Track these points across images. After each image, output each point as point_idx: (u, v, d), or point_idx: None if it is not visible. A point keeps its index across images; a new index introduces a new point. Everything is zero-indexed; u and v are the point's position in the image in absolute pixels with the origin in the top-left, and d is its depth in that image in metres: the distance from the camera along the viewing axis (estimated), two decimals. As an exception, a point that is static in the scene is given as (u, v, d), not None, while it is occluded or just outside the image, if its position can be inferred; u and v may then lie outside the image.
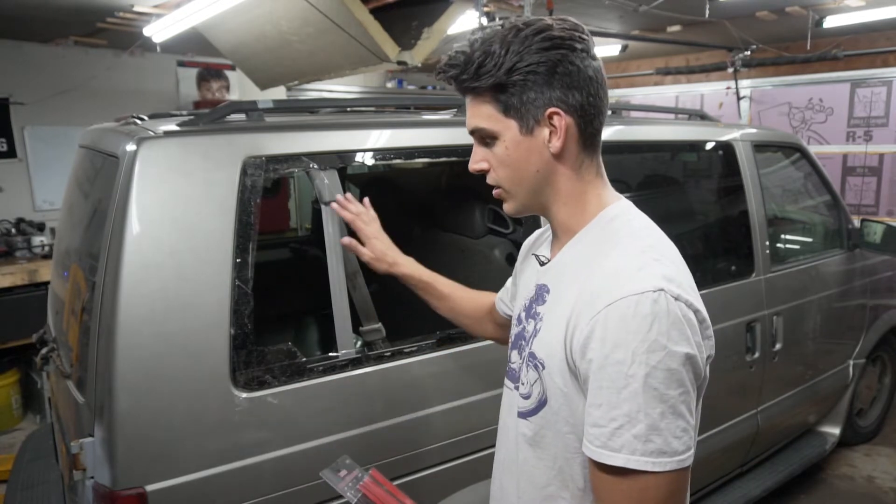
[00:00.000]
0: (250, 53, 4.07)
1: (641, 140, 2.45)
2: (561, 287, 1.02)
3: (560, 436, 0.99)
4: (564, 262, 1.04)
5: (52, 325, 2.14)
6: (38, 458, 2.47)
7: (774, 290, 2.65)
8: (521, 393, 1.05)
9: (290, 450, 1.52)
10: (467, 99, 1.02)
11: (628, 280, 0.89)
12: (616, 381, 0.86)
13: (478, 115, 1.00)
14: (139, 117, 1.70)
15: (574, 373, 0.94)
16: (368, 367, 1.64)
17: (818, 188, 3.18)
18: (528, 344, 1.05)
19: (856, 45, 5.36)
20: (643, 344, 0.85)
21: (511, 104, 0.97)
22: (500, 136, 1.00)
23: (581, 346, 0.90)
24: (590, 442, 0.89)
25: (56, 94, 5.01)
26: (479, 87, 0.97)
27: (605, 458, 0.87)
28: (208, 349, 1.41)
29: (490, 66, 0.94)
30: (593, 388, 0.89)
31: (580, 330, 0.91)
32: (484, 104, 0.99)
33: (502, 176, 1.03)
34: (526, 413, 1.04)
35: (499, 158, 1.02)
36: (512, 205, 1.06)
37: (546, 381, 0.99)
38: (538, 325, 1.03)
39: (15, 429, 4.16)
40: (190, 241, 1.41)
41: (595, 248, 0.99)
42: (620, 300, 0.87)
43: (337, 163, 1.66)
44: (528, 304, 1.10)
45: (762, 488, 2.76)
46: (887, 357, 3.65)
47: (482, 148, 1.04)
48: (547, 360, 0.98)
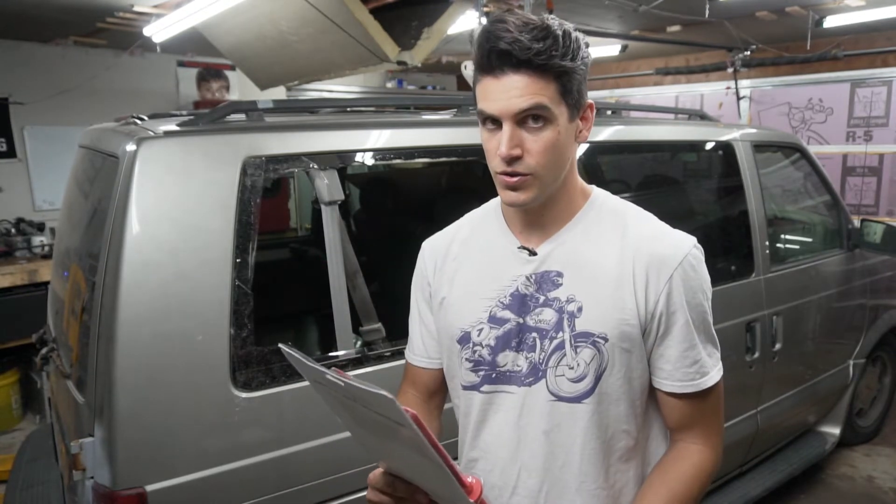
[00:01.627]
0: (250, 53, 4.07)
1: (641, 140, 2.45)
2: (582, 266, 1.06)
3: (621, 392, 1.06)
4: (573, 246, 1.07)
5: (52, 325, 2.14)
6: (38, 458, 2.47)
7: (774, 290, 2.65)
8: (572, 377, 1.04)
9: (290, 450, 1.52)
10: (518, 76, 0.94)
11: (677, 241, 1.07)
12: (697, 320, 1.05)
13: (539, 94, 0.94)
14: (139, 117, 1.70)
15: (645, 330, 1.05)
16: (369, 367, 1.64)
17: (818, 188, 3.18)
18: (559, 330, 1.04)
19: (856, 45, 5.36)
20: (704, 284, 1.07)
21: (570, 90, 0.98)
22: (556, 119, 0.97)
23: (664, 302, 1.03)
24: (690, 380, 1.06)
25: (56, 94, 5.01)
26: (562, 66, 0.94)
27: (706, 383, 1.06)
28: (208, 349, 1.41)
29: (573, 48, 0.95)
30: (684, 333, 1.05)
31: (657, 289, 1.03)
32: (548, 83, 0.95)
33: (542, 161, 0.98)
34: (582, 395, 1.04)
35: (547, 142, 0.97)
36: (533, 194, 1.00)
37: (608, 351, 1.03)
38: (571, 307, 1.04)
39: (15, 429, 4.15)
40: (190, 241, 1.41)
41: (605, 225, 1.08)
42: (685, 258, 1.04)
43: (337, 163, 1.66)
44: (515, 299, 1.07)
45: (762, 488, 2.76)
46: (887, 357, 3.65)
47: (520, 130, 0.97)
48: (610, 332, 1.03)
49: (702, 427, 1.09)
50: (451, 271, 1.16)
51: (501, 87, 0.95)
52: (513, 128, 0.97)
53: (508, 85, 0.95)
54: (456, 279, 1.15)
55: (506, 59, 0.94)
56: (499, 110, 0.96)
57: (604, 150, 2.40)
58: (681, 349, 1.05)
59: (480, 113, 1.00)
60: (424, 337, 1.23)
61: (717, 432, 1.11)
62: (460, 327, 1.12)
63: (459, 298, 1.13)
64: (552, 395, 1.05)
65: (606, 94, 7.13)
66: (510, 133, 0.96)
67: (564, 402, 1.05)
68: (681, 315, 1.04)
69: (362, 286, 1.69)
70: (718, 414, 1.11)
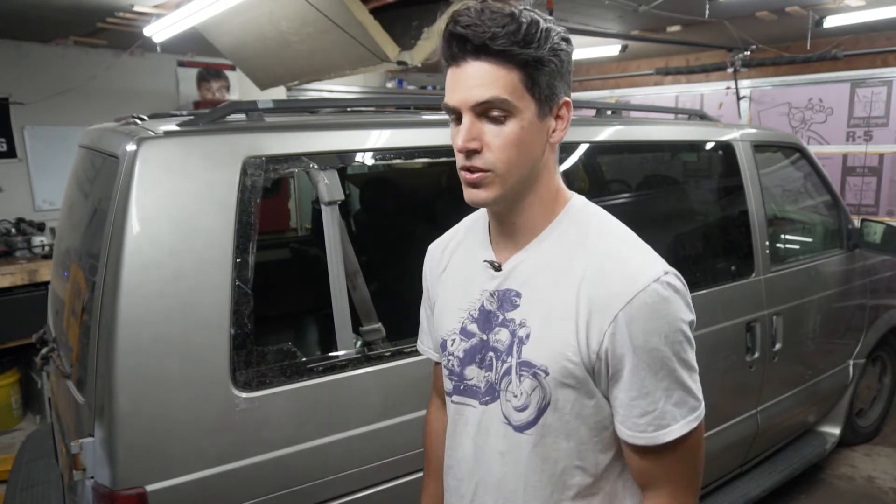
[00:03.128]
0: (250, 53, 4.07)
1: (641, 140, 2.45)
2: (538, 288, 0.99)
3: (569, 433, 0.99)
4: (535, 262, 1.00)
5: (52, 325, 2.14)
6: (38, 458, 2.47)
7: (774, 290, 2.65)
8: (516, 406, 0.99)
9: (289, 450, 1.52)
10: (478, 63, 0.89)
11: (634, 273, 0.93)
12: (653, 366, 0.92)
13: (496, 85, 0.89)
14: (139, 117, 1.70)
15: (590, 368, 0.95)
16: (368, 367, 1.64)
17: (818, 188, 3.18)
18: (509, 354, 1.00)
19: (856, 45, 5.36)
20: (668, 326, 0.92)
21: (538, 82, 0.91)
22: (519, 113, 0.91)
23: (607, 345, 0.93)
24: (640, 431, 0.94)
25: (56, 94, 5.01)
26: (525, 55, 0.89)
27: (662, 438, 0.93)
28: (208, 349, 1.41)
29: (540, 37, 0.89)
30: (632, 379, 0.93)
31: (601, 328, 0.93)
32: (509, 73, 0.89)
33: (502, 157, 0.92)
34: (525, 425, 0.99)
35: (507, 137, 0.91)
36: (493, 192, 0.94)
37: (549, 385, 0.96)
38: (522, 332, 0.98)
39: (15, 429, 4.15)
40: (190, 241, 1.41)
41: (568, 244, 0.99)
42: (637, 295, 0.91)
43: (337, 163, 1.66)
44: (481, 314, 1.04)
45: (762, 488, 2.76)
46: (887, 357, 3.65)
47: (479, 123, 0.92)
48: (551, 365, 0.95)
49: (668, 485, 0.97)
50: (442, 278, 1.16)
51: (461, 76, 0.91)
52: (472, 120, 0.92)
53: (468, 74, 0.90)
54: (444, 286, 1.15)
55: (463, 45, 0.89)
56: (456, 101, 0.92)
57: (604, 150, 2.40)
58: (629, 397, 0.94)
59: (445, 106, 0.95)
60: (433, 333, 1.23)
61: (686, 491, 0.98)
62: (441, 335, 1.12)
63: (443, 306, 1.13)
64: (504, 418, 1.02)
65: (606, 94, 7.13)
66: (468, 125, 0.91)
67: (511, 428, 1.01)
68: (628, 360, 0.92)
69: (362, 286, 1.69)
70: (692, 469, 0.98)
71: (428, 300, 1.23)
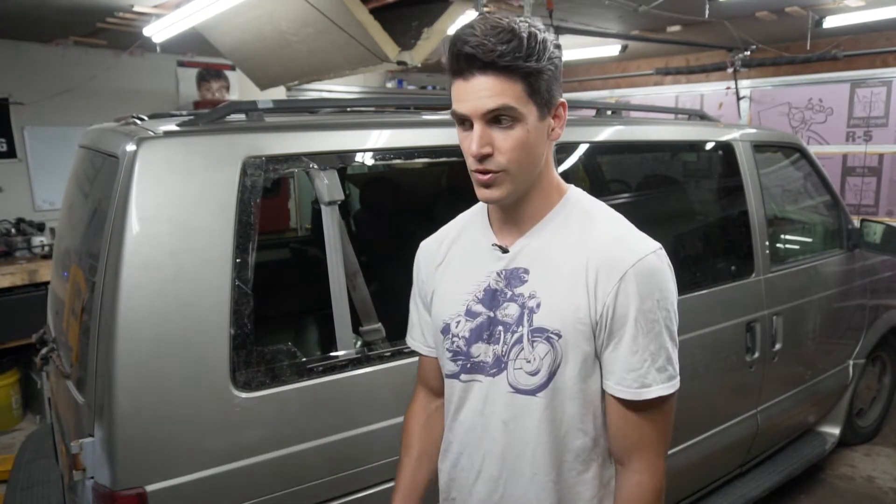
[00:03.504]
0: (250, 53, 4.07)
1: (641, 140, 2.45)
2: (546, 264, 1.10)
3: (574, 395, 1.09)
4: (541, 243, 1.11)
5: (52, 325, 2.14)
6: (38, 458, 2.47)
7: (774, 291, 2.65)
8: (529, 370, 1.09)
9: (289, 450, 1.52)
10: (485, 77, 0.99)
11: (635, 244, 1.07)
12: (646, 327, 1.05)
13: (505, 95, 0.99)
14: (139, 117, 1.70)
15: (594, 329, 1.06)
16: (368, 367, 1.64)
17: (818, 188, 3.18)
18: (519, 324, 1.09)
19: (855, 46, 5.35)
20: (660, 292, 1.06)
21: (538, 89, 1.01)
22: (524, 118, 1.01)
23: (610, 305, 1.04)
24: (626, 386, 1.06)
25: (56, 94, 5.01)
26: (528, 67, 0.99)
27: (643, 394, 1.05)
28: (208, 349, 1.41)
29: (539, 50, 0.99)
30: (628, 338, 1.05)
31: (605, 291, 1.05)
32: (514, 84, 0.99)
33: (512, 159, 1.03)
34: (536, 388, 1.09)
35: (516, 141, 1.02)
36: (505, 190, 1.06)
37: (561, 348, 1.07)
38: (532, 303, 1.09)
39: (15, 429, 4.16)
40: (190, 241, 1.41)
41: (573, 225, 1.11)
42: (640, 261, 1.05)
43: (337, 163, 1.66)
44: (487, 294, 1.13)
45: (762, 488, 2.76)
46: (887, 357, 3.65)
47: (489, 130, 1.02)
48: (563, 328, 1.06)
49: (641, 449, 1.09)
50: (441, 269, 1.24)
51: (470, 88, 1.00)
52: (483, 127, 1.02)
53: (476, 86, 1.00)
54: (444, 276, 1.23)
55: (472, 62, 0.98)
56: (468, 111, 1.02)
57: (604, 150, 2.40)
58: (624, 353, 1.06)
59: (453, 114, 1.06)
60: (424, 328, 1.32)
61: (658, 454, 1.10)
62: (443, 319, 1.20)
63: (444, 293, 1.21)
64: (511, 387, 1.11)
65: (606, 94, 7.13)
66: (480, 132, 1.02)
67: (521, 394, 1.10)
68: (630, 316, 1.05)
69: (362, 286, 1.69)
70: (662, 435, 1.10)
71: (420, 294, 1.31)
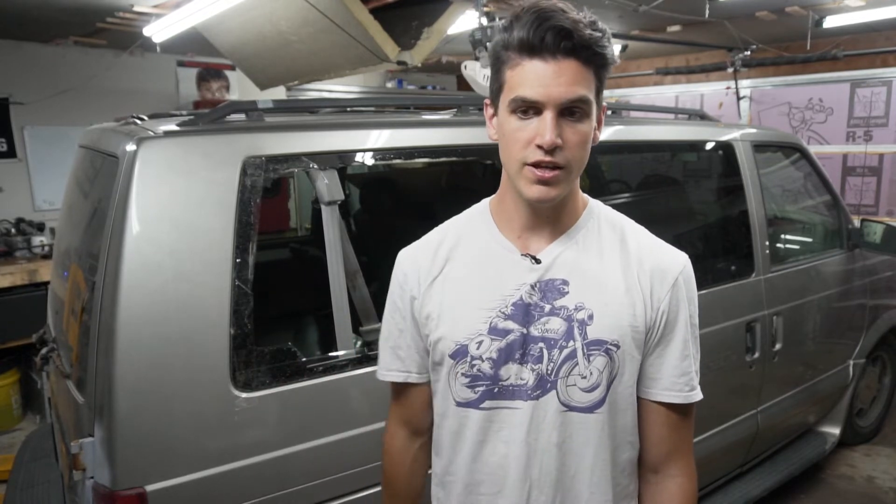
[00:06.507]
0: (250, 53, 4.07)
1: (641, 140, 2.45)
2: (586, 274, 1.03)
3: (628, 402, 1.06)
4: (575, 253, 1.05)
5: (51, 325, 2.14)
6: (38, 458, 2.47)
7: (774, 290, 2.64)
8: (585, 387, 1.01)
9: (290, 450, 1.52)
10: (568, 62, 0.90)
11: (675, 253, 1.08)
12: (691, 332, 1.06)
13: (584, 85, 0.92)
14: (139, 117, 1.70)
15: (647, 336, 1.04)
16: (368, 367, 1.64)
17: (818, 188, 3.18)
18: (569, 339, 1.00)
19: (855, 45, 5.35)
20: (696, 300, 1.08)
21: (600, 87, 0.97)
22: (592, 113, 0.95)
23: (665, 310, 1.03)
24: (679, 390, 1.05)
25: (56, 94, 5.01)
26: (606, 59, 0.93)
27: (693, 397, 1.06)
28: (208, 349, 1.41)
29: (609, 43, 0.93)
30: (678, 342, 1.05)
31: (660, 297, 1.04)
32: (591, 75, 0.93)
33: (576, 156, 0.94)
34: (595, 404, 1.03)
35: (584, 136, 0.94)
36: (561, 190, 0.96)
37: (620, 358, 1.03)
38: (581, 315, 1.00)
39: (15, 429, 4.15)
40: (190, 241, 1.41)
41: (605, 234, 1.07)
42: (683, 268, 1.06)
43: (337, 163, 1.66)
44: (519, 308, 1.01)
45: (762, 488, 2.76)
46: (887, 357, 3.65)
47: (560, 120, 0.92)
48: (622, 339, 1.02)
49: (680, 453, 1.09)
50: (439, 282, 1.08)
51: (550, 71, 0.89)
52: (554, 118, 0.91)
53: (557, 70, 0.89)
54: (446, 290, 1.07)
55: (561, 41, 0.88)
56: (542, 96, 0.90)
57: (604, 150, 2.40)
58: (677, 359, 1.05)
59: (516, 100, 0.92)
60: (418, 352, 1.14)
61: (692, 457, 1.11)
62: (455, 340, 1.04)
63: (452, 310, 1.05)
64: (563, 406, 1.02)
65: (606, 94, 7.11)
66: (553, 122, 0.91)
67: (576, 412, 1.02)
68: (681, 321, 1.05)
69: (362, 286, 1.69)
70: (692, 438, 1.12)
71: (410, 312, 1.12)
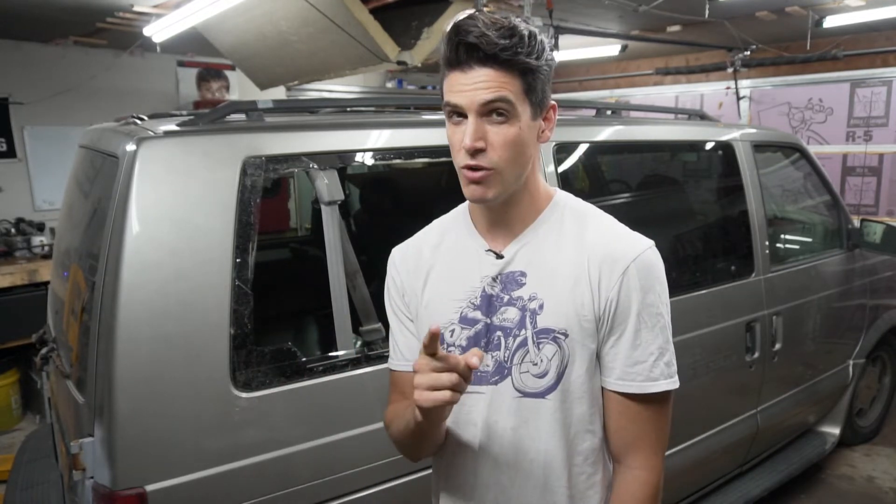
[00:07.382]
0: (250, 53, 4.08)
1: (641, 140, 2.45)
2: (543, 265, 1.08)
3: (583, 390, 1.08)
4: (535, 246, 1.09)
5: (51, 325, 2.14)
6: (38, 458, 2.47)
7: (774, 290, 2.65)
8: (536, 373, 1.07)
9: (290, 450, 1.52)
10: (484, 69, 0.97)
11: (633, 240, 1.08)
12: (649, 321, 1.05)
13: (503, 88, 0.97)
14: (139, 117, 1.70)
15: (598, 325, 1.06)
16: (368, 367, 1.64)
17: (818, 188, 3.18)
18: (521, 328, 1.07)
19: (856, 45, 5.35)
20: (660, 286, 1.07)
21: (533, 88, 1.00)
22: (519, 115, 1.00)
23: (614, 298, 1.04)
24: (631, 379, 1.06)
25: (56, 94, 5.01)
26: (527, 64, 0.97)
27: (649, 388, 1.05)
28: (208, 349, 1.41)
29: (537, 48, 0.98)
30: (630, 331, 1.05)
31: (608, 285, 1.05)
32: (513, 79, 0.98)
33: (504, 157, 1.00)
34: (546, 390, 1.07)
35: (508, 138, 0.99)
36: (496, 190, 1.02)
37: (569, 347, 1.06)
38: (533, 305, 1.07)
39: (15, 429, 4.16)
40: (190, 241, 1.41)
41: (566, 225, 1.10)
42: (640, 256, 1.05)
43: (337, 163, 1.66)
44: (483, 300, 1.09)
45: (762, 488, 2.76)
46: (887, 357, 3.65)
47: (483, 124, 0.99)
48: (570, 327, 1.05)
49: (642, 445, 1.08)
50: (424, 276, 1.17)
51: (468, 79, 0.98)
52: (477, 120, 0.99)
53: (474, 77, 0.97)
54: (429, 283, 1.17)
55: (473, 53, 0.96)
56: (463, 102, 0.98)
57: (604, 150, 2.40)
58: (627, 347, 1.06)
59: (447, 105, 1.02)
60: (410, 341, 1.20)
61: (657, 452, 1.09)
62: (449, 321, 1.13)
63: (432, 301, 1.15)
64: (518, 392, 1.08)
65: (606, 94, 7.13)
66: (475, 125, 0.99)
67: (529, 397, 1.08)
68: (633, 310, 1.05)
69: (362, 286, 1.69)
70: (662, 432, 1.10)
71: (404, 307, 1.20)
